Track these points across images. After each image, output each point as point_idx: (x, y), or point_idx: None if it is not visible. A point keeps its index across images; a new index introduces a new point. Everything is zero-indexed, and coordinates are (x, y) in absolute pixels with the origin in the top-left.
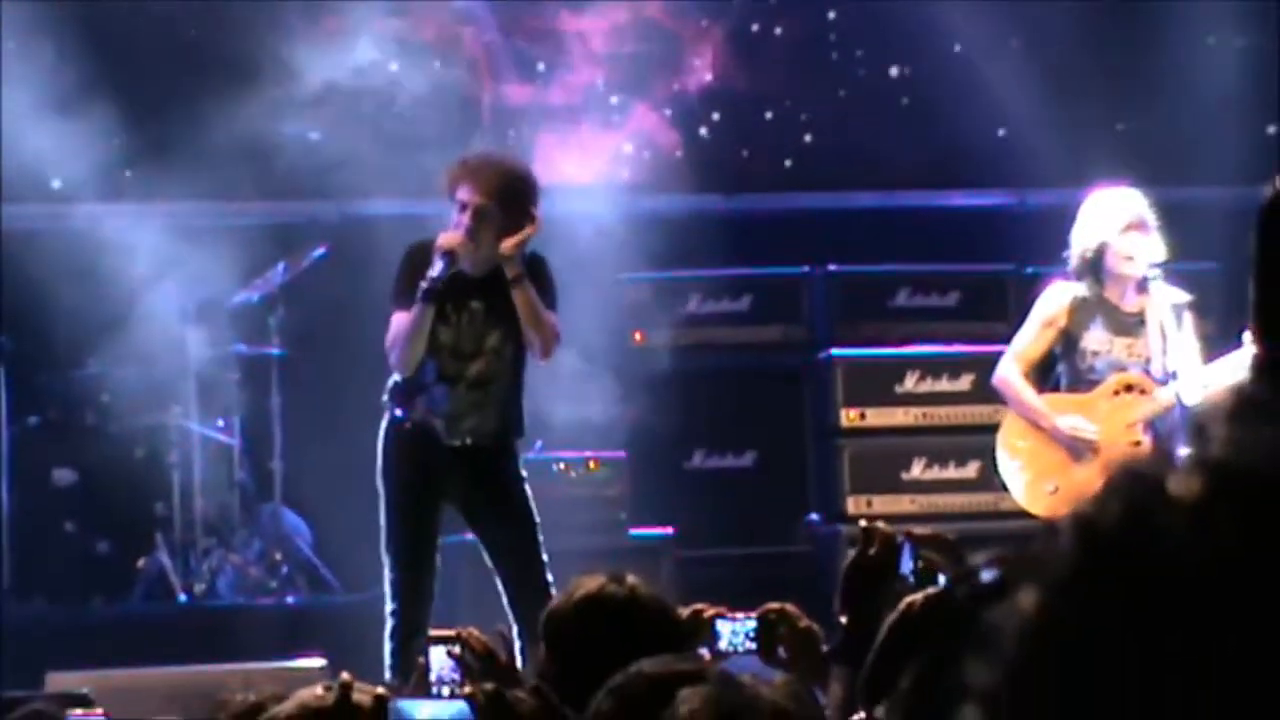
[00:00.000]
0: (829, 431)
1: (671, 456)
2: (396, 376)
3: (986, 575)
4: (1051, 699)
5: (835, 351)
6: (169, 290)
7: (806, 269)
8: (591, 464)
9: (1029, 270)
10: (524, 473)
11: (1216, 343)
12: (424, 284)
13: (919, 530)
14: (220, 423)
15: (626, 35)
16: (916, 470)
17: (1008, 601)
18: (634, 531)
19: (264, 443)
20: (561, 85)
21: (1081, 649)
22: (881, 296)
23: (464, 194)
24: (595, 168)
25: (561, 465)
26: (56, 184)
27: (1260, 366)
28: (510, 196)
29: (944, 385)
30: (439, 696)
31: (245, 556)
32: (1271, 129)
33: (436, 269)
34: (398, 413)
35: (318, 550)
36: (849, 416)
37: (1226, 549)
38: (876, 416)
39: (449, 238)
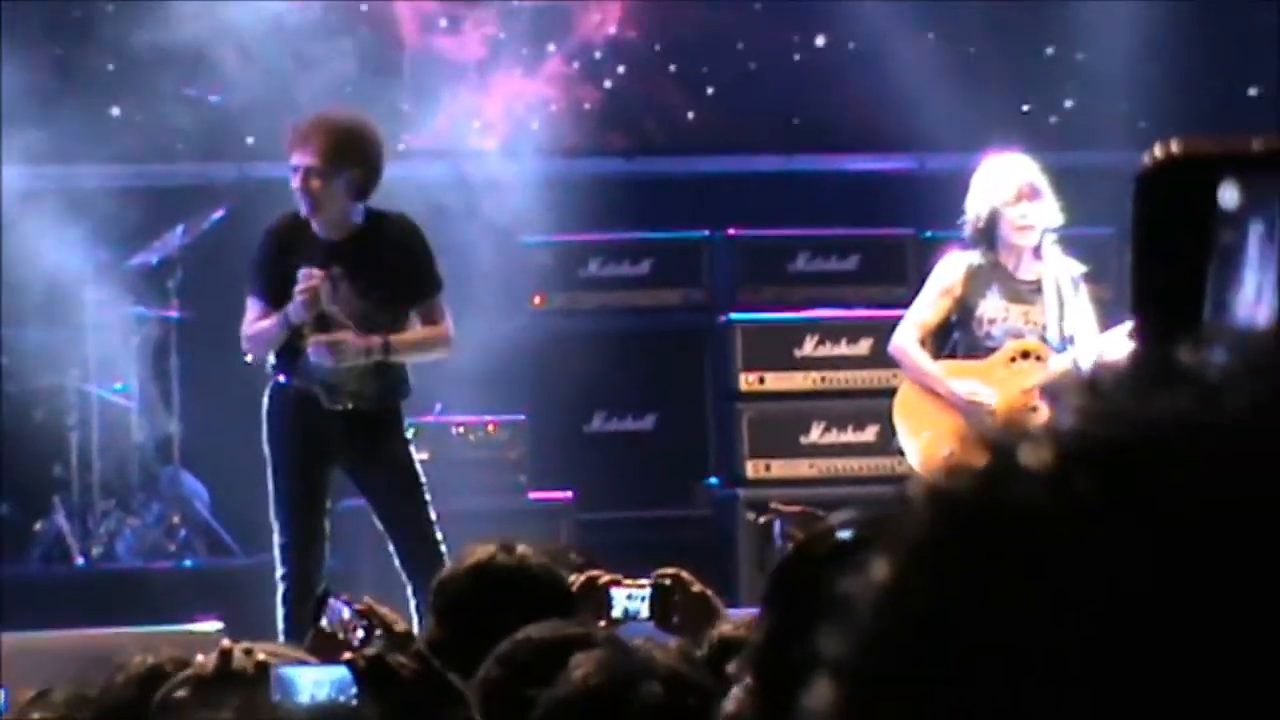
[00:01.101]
0: (728, 395)
1: (571, 419)
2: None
3: (841, 537)
4: (905, 671)
5: (734, 315)
6: (67, 253)
7: (706, 233)
8: (491, 427)
9: (928, 234)
10: (409, 434)
11: (1113, 308)
12: (290, 312)
13: (785, 506)
14: (118, 385)
15: None
16: (815, 434)
17: (861, 569)
18: (533, 495)
19: (162, 406)
20: (466, 37)
21: (935, 619)
22: (781, 260)
23: (293, 157)
24: (498, 129)
25: (461, 428)
26: None
27: (1135, 338)
28: (342, 155)
29: (843, 349)
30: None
31: (143, 519)
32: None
33: (296, 309)
34: (280, 378)
35: (216, 513)
36: (748, 380)
37: (1080, 517)
38: (776, 380)
39: (308, 284)
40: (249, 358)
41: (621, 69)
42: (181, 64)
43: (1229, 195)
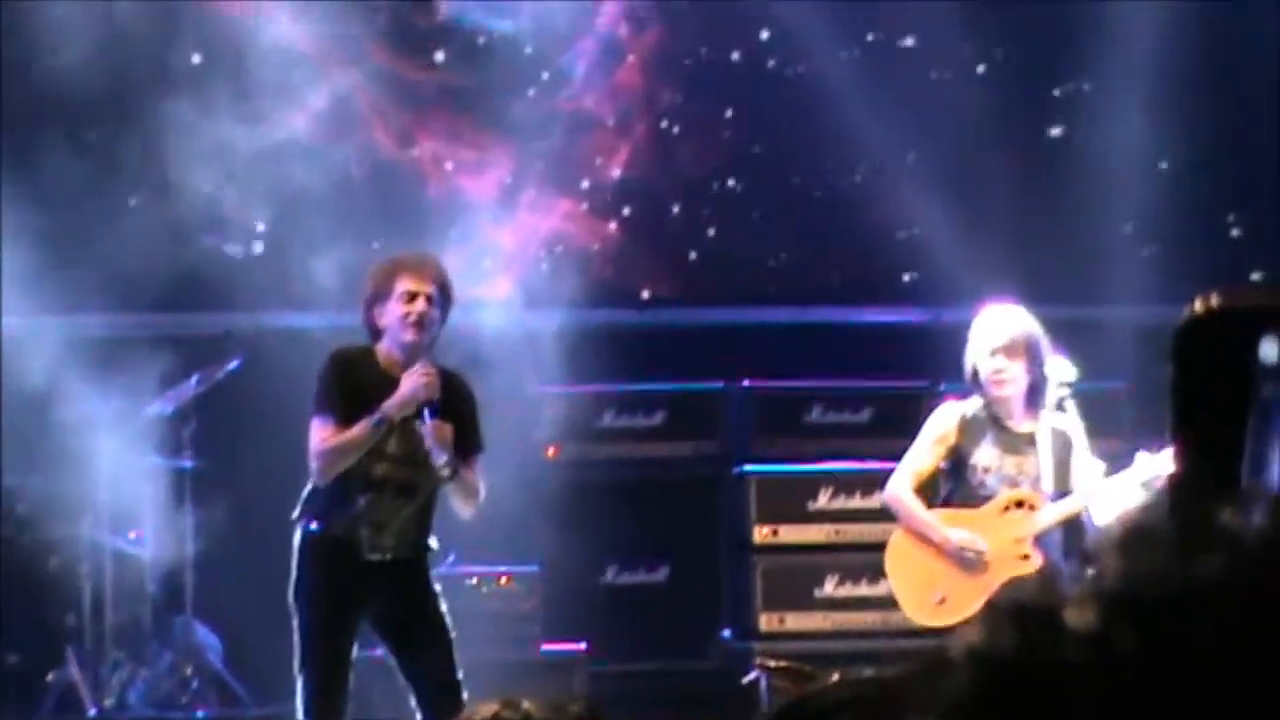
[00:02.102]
0: (742, 547)
1: (585, 571)
2: (310, 487)
3: (832, 696)
4: None
5: (749, 467)
6: (82, 401)
7: (721, 384)
8: (504, 578)
9: (942, 387)
10: (438, 586)
11: (1125, 460)
12: (380, 415)
13: (772, 661)
14: (132, 535)
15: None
16: (829, 587)
17: None
18: (547, 647)
19: (176, 555)
20: (480, 180)
21: None
22: (795, 412)
23: (409, 284)
24: (512, 274)
25: (475, 579)
26: None
27: (1171, 496)
28: (448, 290)
29: (857, 502)
30: None
31: (156, 669)
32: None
33: (401, 407)
34: (313, 526)
35: (228, 664)
36: (762, 533)
37: (1123, 674)
38: (790, 533)
39: (432, 386)
40: (320, 478)
41: (629, 211)
42: (199, 213)
43: (1270, 349)
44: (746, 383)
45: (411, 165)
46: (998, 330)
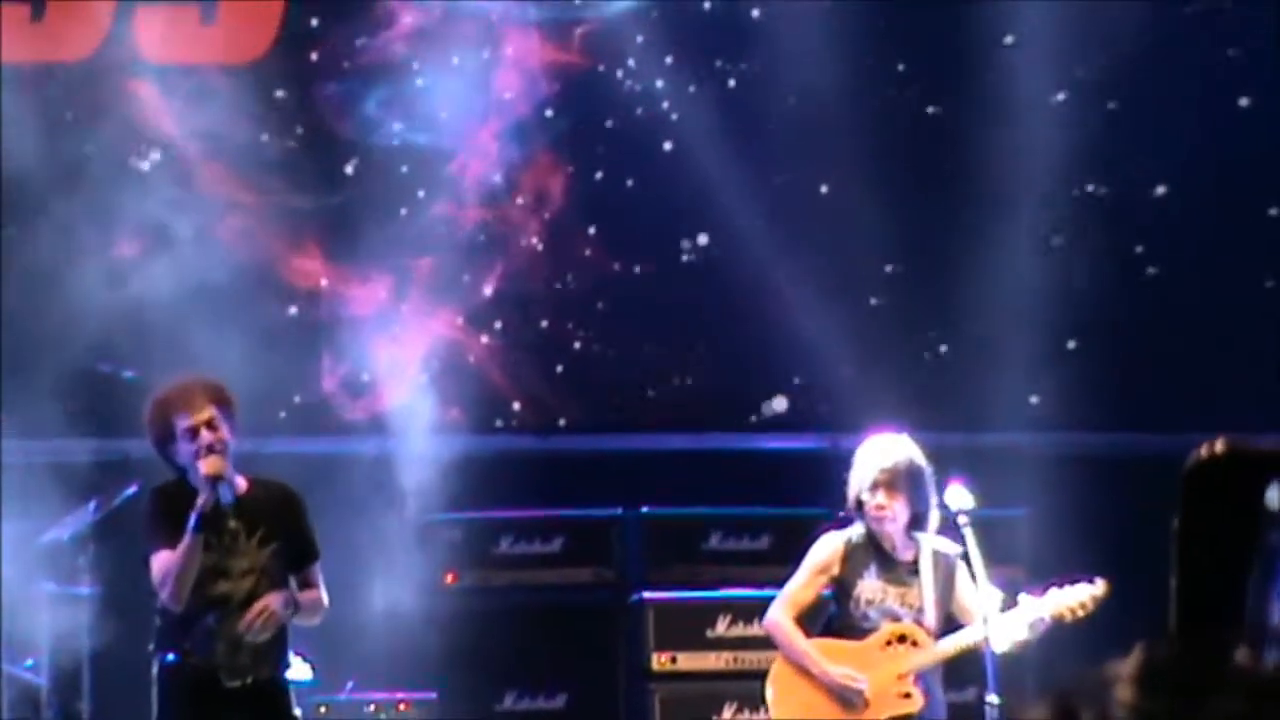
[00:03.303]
0: (641, 674)
1: (483, 698)
2: (160, 621)
3: None
4: None
5: (647, 594)
6: None
7: (618, 511)
8: (402, 705)
9: (840, 514)
10: (298, 711)
11: (1022, 588)
12: (194, 513)
13: None
14: (29, 662)
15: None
16: (727, 715)
17: None
18: None
19: (72, 683)
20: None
21: None
22: (693, 539)
23: (185, 420)
24: (409, 399)
25: (372, 706)
26: None
27: (1180, 636)
28: (225, 400)
29: (755, 630)
30: None
31: None
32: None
33: (204, 496)
34: (169, 657)
35: None
36: (660, 660)
37: None
38: (688, 660)
39: (211, 463)
40: (175, 603)
41: (502, 326)
42: (93, 340)
43: (1275, 496)
44: (645, 509)
45: (290, 282)
46: (881, 462)
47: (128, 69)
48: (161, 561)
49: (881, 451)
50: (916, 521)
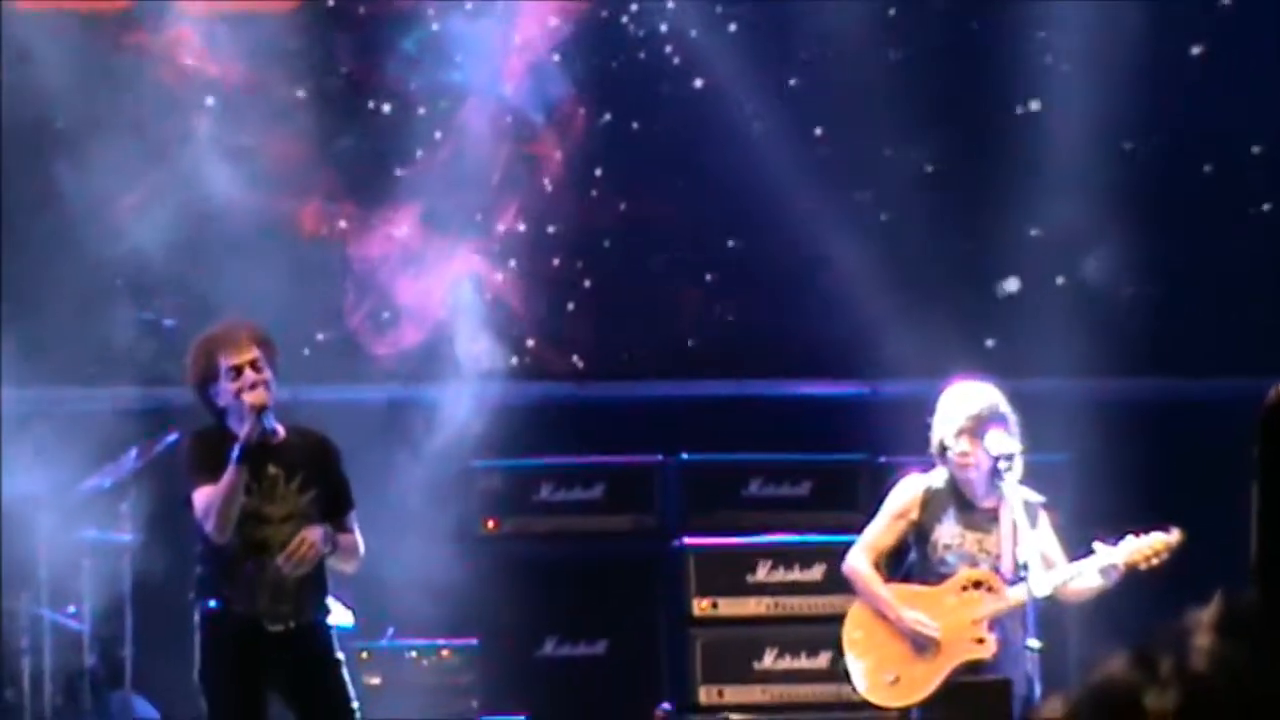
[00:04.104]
0: (681, 621)
1: (523, 645)
2: (200, 567)
3: None
4: None
5: (687, 540)
6: (19, 476)
7: (659, 458)
8: (443, 651)
9: (881, 460)
10: (340, 654)
11: (1066, 534)
12: (239, 443)
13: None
14: (71, 609)
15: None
16: (768, 660)
17: None
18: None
19: (114, 630)
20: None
21: None
22: (734, 486)
23: (229, 359)
24: (448, 345)
25: (414, 653)
26: None
27: (1257, 576)
28: (268, 344)
29: (796, 575)
30: None
31: None
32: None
33: (248, 426)
34: (211, 603)
35: None
36: (701, 606)
37: None
38: (729, 606)
39: (256, 394)
40: (220, 535)
41: (571, 303)
42: (134, 287)
43: None
44: (685, 456)
45: (313, 225)
46: (968, 409)
47: (166, 15)
48: (204, 495)
49: (968, 398)
50: (998, 470)
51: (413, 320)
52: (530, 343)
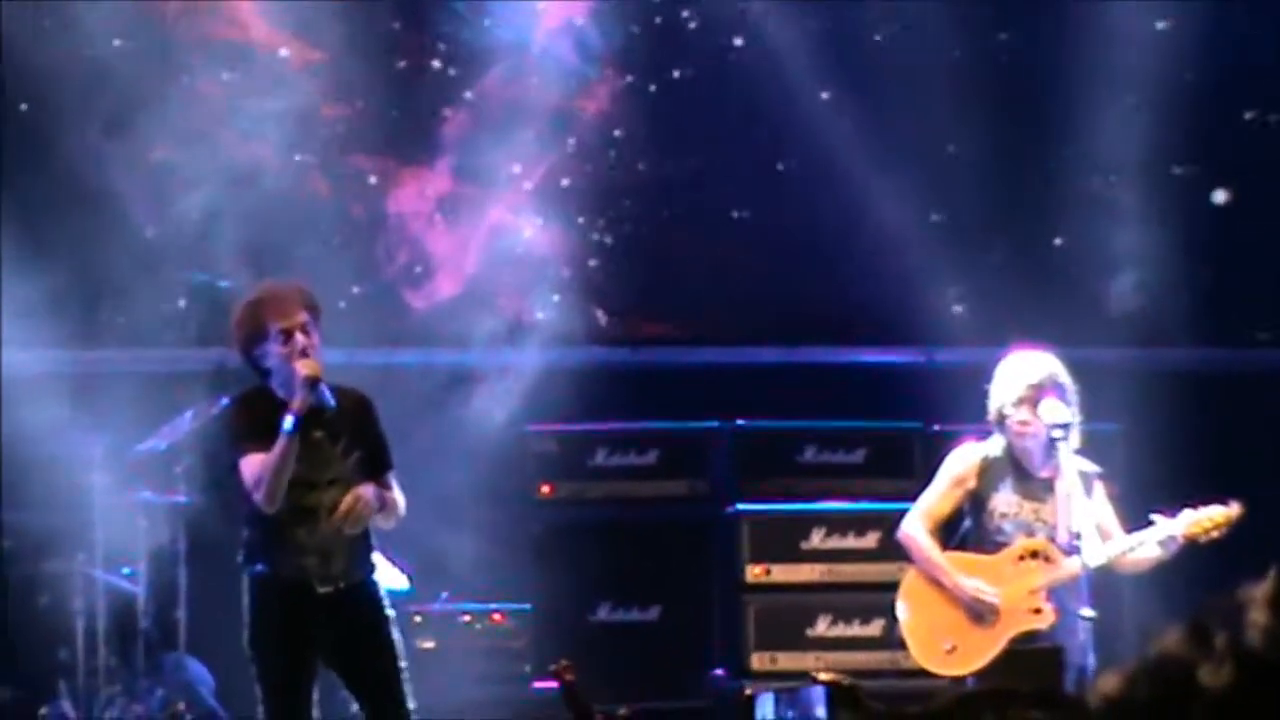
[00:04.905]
0: (734, 587)
1: (576, 610)
2: (247, 532)
3: None
4: None
5: (741, 506)
6: (74, 437)
7: (713, 424)
8: (496, 616)
9: (935, 428)
10: (390, 611)
11: (1121, 504)
12: (292, 413)
13: (824, 674)
14: (126, 570)
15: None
16: (822, 627)
17: None
18: (538, 685)
19: (168, 591)
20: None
21: None
22: (788, 452)
23: (279, 322)
24: (503, 310)
25: (467, 617)
26: None
27: None
28: (316, 308)
29: (850, 542)
30: None
31: (148, 705)
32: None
33: (301, 396)
34: (259, 568)
35: (221, 699)
36: (754, 572)
37: None
38: (782, 572)
39: (309, 364)
40: (269, 504)
41: (624, 247)
42: (188, 248)
43: None
44: (740, 422)
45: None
46: (1027, 378)
47: None
48: (254, 464)
49: (1028, 367)
50: (1055, 440)
51: (448, 273)
52: (585, 307)
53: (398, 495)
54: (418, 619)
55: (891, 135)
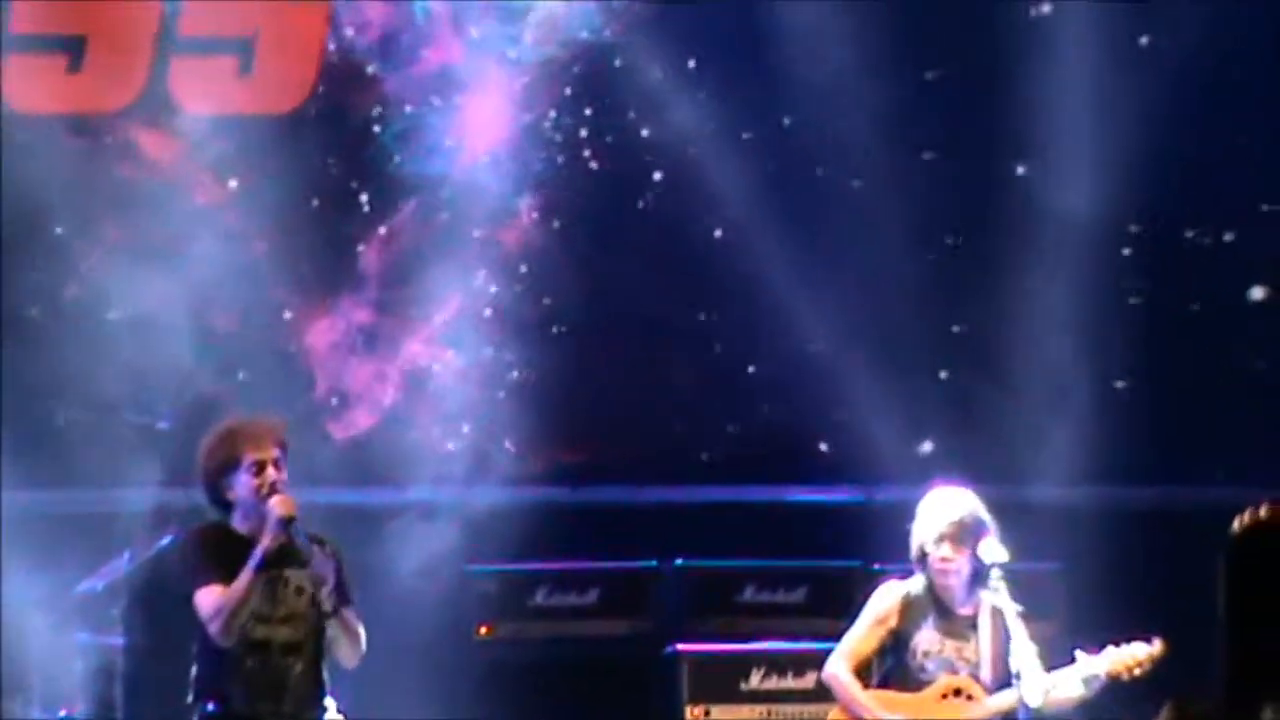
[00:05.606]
0: None
1: None
2: (196, 668)
3: None
4: None
5: (681, 646)
6: (11, 579)
7: (654, 563)
8: None
9: (876, 567)
10: None
11: (1058, 643)
12: (260, 550)
13: None
14: (62, 712)
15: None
16: None
17: None
18: None
19: None
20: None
21: None
22: (728, 591)
23: (253, 454)
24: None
25: None
26: None
27: (1226, 692)
28: (286, 446)
29: (789, 683)
30: None
31: None
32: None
33: (271, 535)
34: (210, 707)
35: None
36: (694, 713)
37: None
38: (722, 713)
39: (284, 503)
40: (225, 638)
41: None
42: (127, 389)
43: None
44: (680, 561)
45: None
46: (948, 515)
47: (163, 118)
48: (214, 596)
49: (948, 504)
50: (977, 577)
51: (365, 406)
52: (520, 446)
53: (359, 626)
54: None
55: (826, 268)
